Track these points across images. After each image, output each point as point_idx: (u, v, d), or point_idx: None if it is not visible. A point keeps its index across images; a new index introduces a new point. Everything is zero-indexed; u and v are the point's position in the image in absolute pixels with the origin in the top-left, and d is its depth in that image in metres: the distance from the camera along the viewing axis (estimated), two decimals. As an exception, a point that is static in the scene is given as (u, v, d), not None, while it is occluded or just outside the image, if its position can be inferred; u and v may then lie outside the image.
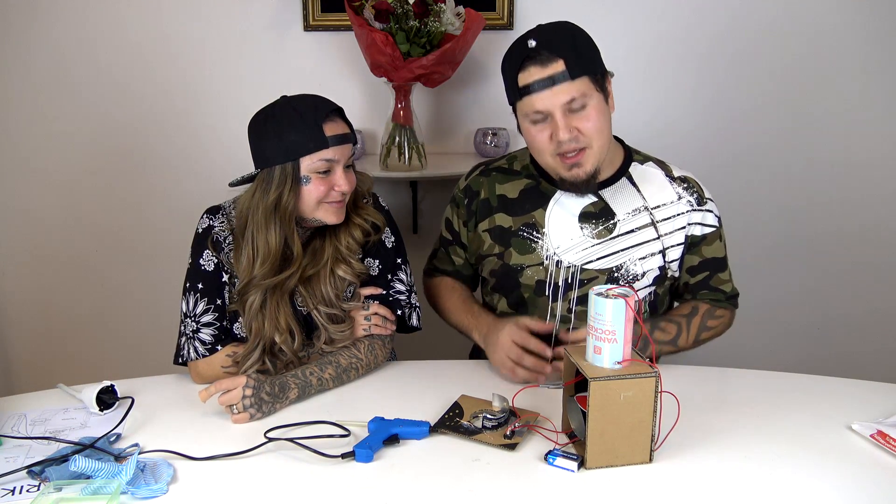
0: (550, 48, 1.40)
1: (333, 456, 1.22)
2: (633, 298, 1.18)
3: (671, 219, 1.54)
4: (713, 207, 1.58)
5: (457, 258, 1.71)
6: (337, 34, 2.27)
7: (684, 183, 1.57)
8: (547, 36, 1.43)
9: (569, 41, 1.43)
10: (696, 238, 1.56)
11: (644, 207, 1.54)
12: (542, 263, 1.56)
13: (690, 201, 1.55)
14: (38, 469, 1.18)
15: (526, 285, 1.58)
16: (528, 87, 1.42)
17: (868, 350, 2.50)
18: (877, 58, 2.30)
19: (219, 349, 1.50)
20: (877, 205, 2.41)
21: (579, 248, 1.54)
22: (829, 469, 1.19)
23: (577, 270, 1.54)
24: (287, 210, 1.44)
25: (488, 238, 1.62)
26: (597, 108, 1.44)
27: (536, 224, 1.57)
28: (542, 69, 1.40)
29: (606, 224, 1.54)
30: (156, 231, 2.43)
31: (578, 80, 1.41)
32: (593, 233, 1.54)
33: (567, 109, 1.42)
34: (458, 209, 1.68)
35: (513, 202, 1.60)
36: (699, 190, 1.57)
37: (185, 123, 2.35)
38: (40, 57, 2.30)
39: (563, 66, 1.39)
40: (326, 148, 1.41)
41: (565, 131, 1.42)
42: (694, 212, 1.55)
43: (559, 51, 1.40)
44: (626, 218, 1.54)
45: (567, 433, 1.28)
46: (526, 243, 1.57)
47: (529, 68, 1.41)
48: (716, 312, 1.61)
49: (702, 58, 2.31)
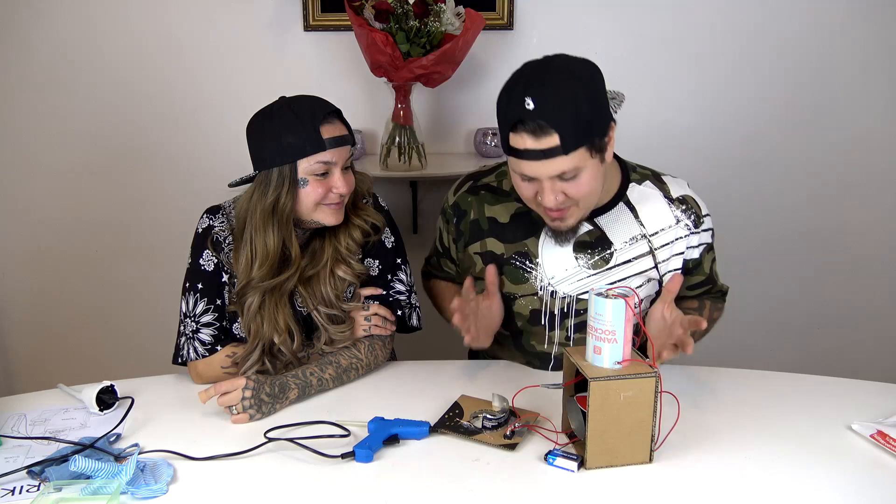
0: (547, 118, 1.27)
1: (333, 456, 1.22)
2: (633, 298, 1.18)
3: (669, 245, 1.50)
4: (709, 223, 1.53)
5: (448, 270, 1.70)
6: (337, 34, 2.27)
7: (683, 205, 1.50)
8: (546, 100, 1.27)
9: (569, 109, 1.27)
10: (695, 262, 1.54)
11: (642, 235, 1.49)
12: (536, 294, 1.52)
13: (688, 224, 1.50)
14: (38, 469, 1.18)
15: (519, 314, 1.54)
16: (519, 152, 1.31)
17: (868, 350, 2.50)
18: (876, 57, 2.30)
19: (218, 349, 1.50)
20: (877, 204, 2.42)
21: (574, 278, 1.50)
22: (829, 469, 1.19)
23: (573, 300, 1.51)
24: (285, 212, 1.44)
25: (480, 261, 1.57)
26: (590, 173, 1.34)
27: (529, 254, 1.52)
28: (536, 141, 1.28)
29: (602, 254, 1.49)
30: (156, 231, 2.43)
31: (573, 153, 1.29)
32: (589, 263, 1.49)
33: (557, 178, 1.33)
34: (447, 225, 1.63)
35: (504, 228, 1.54)
36: (697, 210, 1.51)
37: (185, 123, 2.35)
38: (42, 56, 2.30)
39: (558, 141, 1.27)
40: (323, 151, 1.41)
41: (551, 197, 1.34)
42: (692, 235, 1.51)
43: (556, 124, 1.27)
44: (623, 247, 1.49)
45: (567, 433, 1.28)
46: (519, 273, 1.52)
47: (522, 134, 1.29)
48: (718, 305, 1.64)
49: (701, 57, 2.31)
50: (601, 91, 1.33)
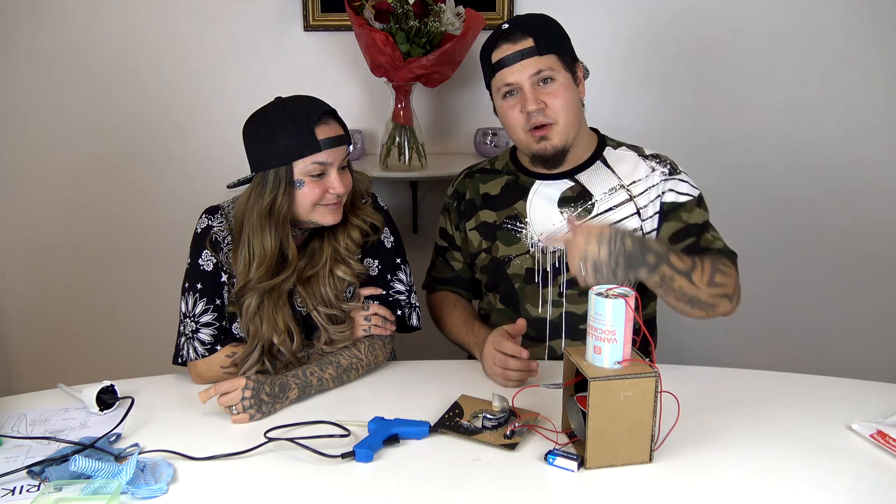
0: (521, 28, 1.54)
1: (333, 456, 1.22)
2: (633, 298, 1.18)
3: (646, 192, 1.59)
4: (688, 178, 1.61)
5: (455, 263, 1.74)
6: (337, 34, 2.27)
7: (656, 158, 1.62)
8: (520, 19, 1.59)
9: (540, 24, 1.56)
10: (673, 205, 1.58)
11: (620, 186, 1.60)
12: (528, 252, 1.62)
13: (664, 171, 1.60)
14: (38, 469, 1.18)
15: (515, 275, 1.63)
16: (499, 62, 1.53)
17: (868, 350, 2.50)
18: (877, 56, 2.30)
19: (218, 349, 1.50)
20: (877, 204, 2.41)
21: (561, 232, 1.58)
22: (829, 469, 1.19)
23: (563, 254, 1.59)
24: (281, 213, 1.44)
25: (476, 235, 1.68)
26: (564, 85, 1.54)
27: (519, 215, 1.63)
28: (513, 45, 1.52)
29: (585, 205, 1.60)
30: (157, 230, 2.43)
31: (546, 56, 1.52)
32: (573, 215, 1.59)
33: (535, 82, 1.53)
34: (449, 214, 1.74)
35: (495, 198, 1.67)
36: (672, 163, 1.61)
37: (185, 123, 2.35)
38: (42, 56, 2.30)
39: (532, 42, 1.52)
40: (318, 151, 1.41)
41: (532, 102, 1.52)
42: (667, 181, 1.59)
43: (529, 30, 1.53)
44: (603, 197, 1.59)
45: (567, 433, 1.28)
46: (510, 234, 1.63)
47: (502, 45, 1.54)
48: (723, 260, 1.50)
49: (700, 57, 2.31)
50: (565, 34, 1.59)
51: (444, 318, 1.72)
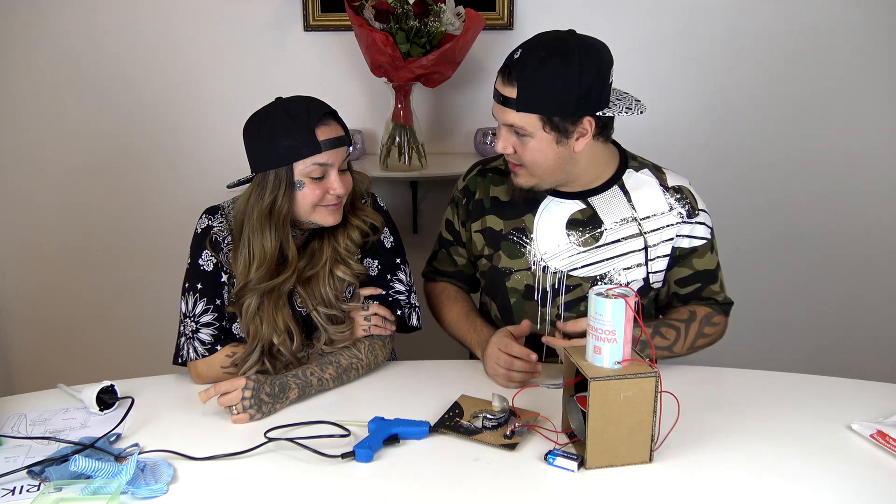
0: (518, 72, 1.38)
1: (333, 456, 1.22)
2: (633, 298, 1.18)
3: (659, 230, 1.52)
4: (706, 219, 1.55)
5: (459, 258, 1.71)
6: (337, 34, 2.27)
7: (677, 193, 1.53)
8: (528, 58, 1.38)
9: (541, 76, 1.37)
10: (685, 251, 1.54)
11: (633, 218, 1.53)
12: (529, 268, 1.57)
13: (681, 213, 1.52)
14: (38, 469, 1.18)
15: (514, 289, 1.59)
16: (494, 90, 1.45)
17: (868, 349, 2.50)
18: (877, 56, 2.30)
19: (218, 349, 1.50)
20: (877, 204, 2.41)
21: (565, 254, 1.54)
22: (829, 469, 1.19)
23: (564, 276, 1.55)
24: (281, 214, 1.44)
25: (480, 239, 1.63)
26: (539, 145, 1.42)
27: (526, 229, 1.57)
28: (502, 85, 1.42)
29: (593, 232, 1.53)
30: (157, 230, 2.43)
31: (524, 114, 1.39)
32: (579, 240, 1.54)
33: (511, 129, 1.44)
34: (457, 209, 1.69)
35: (504, 205, 1.60)
36: (692, 201, 1.53)
37: (185, 122, 2.35)
38: (42, 56, 2.30)
39: (515, 94, 1.39)
40: (319, 152, 1.41)
41: (501, 144, 1.46)
42: (683, 224, 1.52)
43: (520, 78, 1.38)
44: (613, 227, 1.53)
45: (567, 433, 1.28)
46: (515, 248, 1.58)
47: (499, 77, 1.44)
48: (713, 319, 1.58)
49: (701, 56, 2.31)
50: (591, 81, 1.39)
51: (443, 309, 1.70)
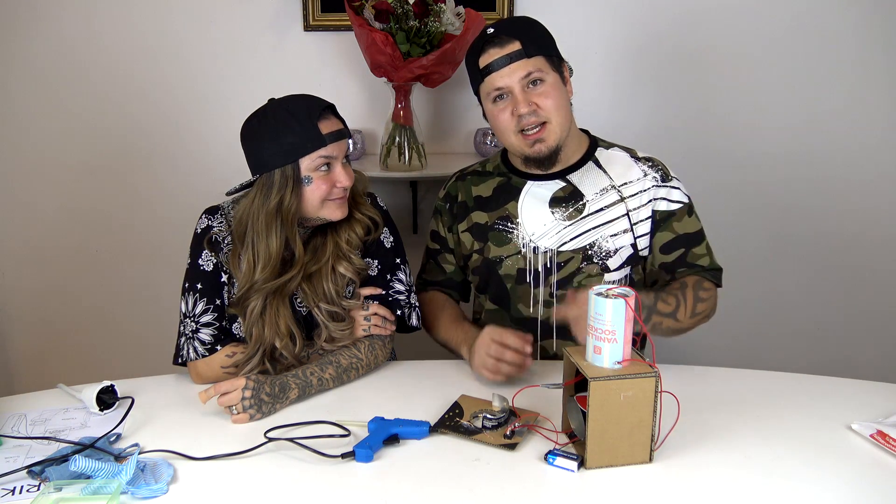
0: (508, 32, 1.53)
1: (333, 456, 1.22)
2: (633, 298, 1.18)
3: (638, 195, 1.59)
4: (680, 185, 1.62)
5: (447, 265, 1.74)
6: (337, 34, 2.27)
7: (649, 162, 1.63)
8: (504, 23, 1.58)
9: (525, 27, 1.56)
10: (664, 214, 1.60)
11: (611, 186, 1.61)
12: (519, 252, 1.62)
13: (655, 177, 1.60)
14: (38, 469, 1.18)
15: (507, 275, 1.63)
16: (488, 66, 1.53)
17: (868, 350, 2.50)
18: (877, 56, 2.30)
19: (218, 349, 1.50)
20: (877, 205, 2.41)
21: (552, 232, 1.60)
22: (829, 469, 1.19)
23: (554, 254, 1.60)
24: (290, 212, 1.44)
25: (469, 237, 1.69)
26: (553, 85, 1.54)
27: (510, 216, 1.64)
28: (500, 49, 1.52)
29: (576, 205, 1.60)
30: (157, 230, 2.43)
31: (534, 58, 1.52)
32: (564, 215, 1.60)
33: (525, 85, 1.52)
34: (441, 217, 1.74)
35: (487, 200, 1.68)
36: (664, 168, 1.62)
37: (185, 122, 2.35)
38: (42, 56, 2.30)
39: (520, 45, 1.51)
40: (324, 146, 1.42)
41: (524, 105, 1.52)
42: (659, 187, 1.60)
43: (515, 33, 1.53)
44: (594, 198, 1.60)
45: (567, 433, 1.28)
46: (502, 235, 1.64)
47: (489, 50, 1.53)
48: (704, 284, 1.58)
49: (701, 57, 2.31)
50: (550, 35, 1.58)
51: (431, 317, 1.70)
